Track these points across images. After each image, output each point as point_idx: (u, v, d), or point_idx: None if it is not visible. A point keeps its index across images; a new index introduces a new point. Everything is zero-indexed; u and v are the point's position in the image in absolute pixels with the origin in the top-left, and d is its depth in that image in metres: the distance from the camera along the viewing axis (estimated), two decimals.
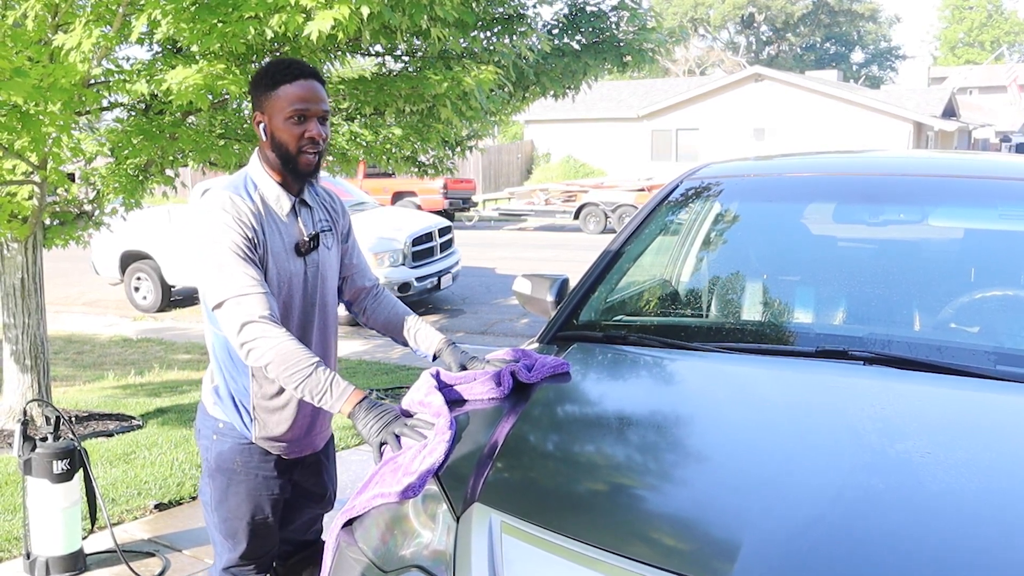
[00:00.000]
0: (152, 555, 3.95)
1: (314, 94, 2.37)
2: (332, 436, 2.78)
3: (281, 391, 2.47)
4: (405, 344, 2.69)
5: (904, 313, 2.79)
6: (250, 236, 2.32)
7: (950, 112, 32.84)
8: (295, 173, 2.42)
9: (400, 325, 2.69)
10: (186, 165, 5.85)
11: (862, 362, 2.46)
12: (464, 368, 2.50)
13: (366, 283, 2.74)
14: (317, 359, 2.22)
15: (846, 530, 1.65)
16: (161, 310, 11.92)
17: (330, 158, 6.20)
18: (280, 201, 2.43)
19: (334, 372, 2.24)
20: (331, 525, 2.17)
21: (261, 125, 2.40)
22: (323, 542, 2.83)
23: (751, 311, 3.02)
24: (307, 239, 2.47)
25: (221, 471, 2.52)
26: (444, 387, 2.36)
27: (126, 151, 5.19)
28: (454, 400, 2.37)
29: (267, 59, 5.13)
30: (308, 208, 2.52)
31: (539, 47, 5.98)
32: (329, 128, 2.46)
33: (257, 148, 2.48)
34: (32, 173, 4.90)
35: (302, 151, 2.37)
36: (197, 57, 4.49)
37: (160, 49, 5.29)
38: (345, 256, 2.69)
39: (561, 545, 1.73)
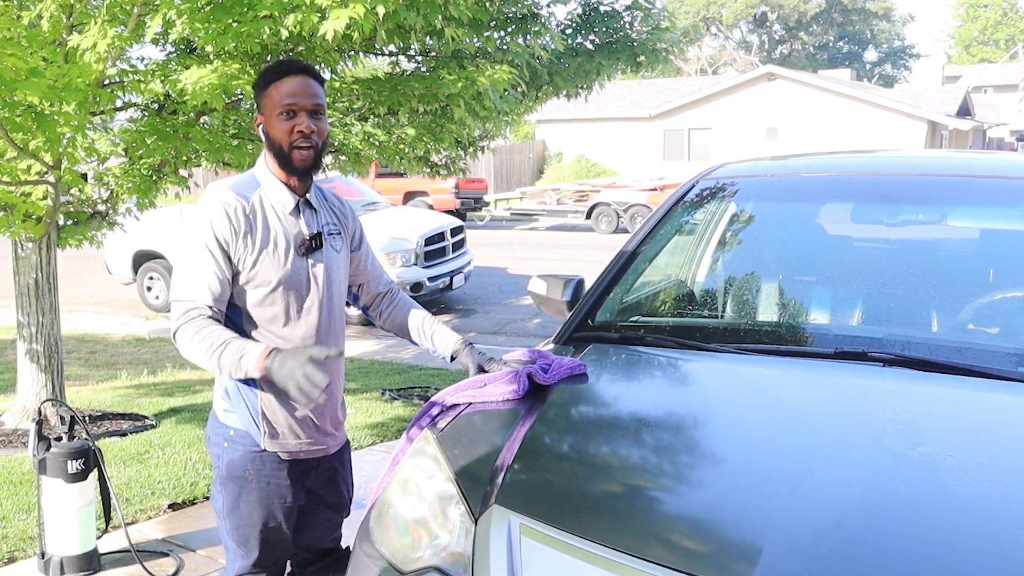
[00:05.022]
0: (166, 555, 3.95)
1: (303, 89, 2.38)
2: (348, 443, 2.77)
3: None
4: (415, 344, 2.70)
5: (923, 314, 2.77)
6: (229, 238, 2.34)
7: (965, 111, 32.67)
8: (291, 169, 2.42)
9: (417, 326, 2.70)
10: (199, 165, 5.86)
11: (881, 363, 2.44)
12: (481, 369, 2.49)
13: (381, 288, 2.76)
14: (229, 336, 2.24)
15: (868, 533, 1.63)
16: None
17: (343, 158, 6.20)
18: (283, 200, 2.45)
19: (248, 341, 2.26)
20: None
21: (260, 127, 2.43)
22: (343, 549, 2.83)
23: (768, 312, 3.00)
24: (307, 238, 2.47)
25: (233, 479, 2.51)
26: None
27: (140, 151, 5.20)
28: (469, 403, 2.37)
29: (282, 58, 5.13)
30: (313, 210, 2.53)
31: (553, 47, 5.96)
32: (326, 122, 2.46)
33: (263, 150, 2.50)
34: (46, 173, 4.91)
35: (294, 146, 2.38)
36: (211, 57, 4.49)
37: (174, 49, 5.29)
38: (359, 263, 2.70)
39: (580, 547, 1.72)
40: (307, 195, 2.50)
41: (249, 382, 2.45)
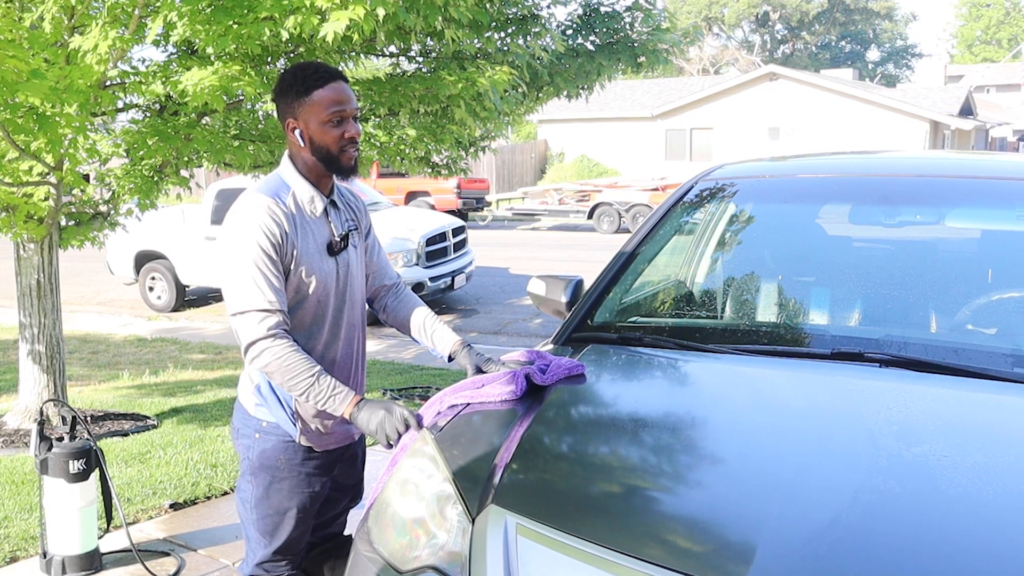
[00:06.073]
0: (167, 554, 3.96)
1: (346, 95, 2.44)
2: None
3: None
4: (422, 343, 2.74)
5: (920, 315, 2.78)
6: (280, 242, 2.38)
7: (967, 111, 32.62)
8: (339, 171, 2.48)
9: (418, 324, 2.73)
10: (200, 166, 5.88)
11: (878, 364, 2.45)
12: (479, 369, 2.51)
13: (386, 281, 2.80)
14: (319, 368, 2.33)
15: (863, 534, 1.64)
16: (175, 310, 11.97)
17: None
18: (314, 203, 2.50)
19: (334, 379, 2.35)
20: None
21: (297, 131, 2.45)
22: (345, 536, 2.88)
23: (766, 312, 3.01)
24: (339, 239, 2.54)
25: (265, 469, 2.56)
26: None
27: (141, 152, 5.21)
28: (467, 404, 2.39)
29: (282, 60, 5.14)
30: (337, 209, 2.59)
31: (553, 48, 5.97)
32: (359, 125, 2.53)
33: (288, 152, 2.52)
34: (48, 174, 4.93)
35: (343, 150, 2.45)
36: (212, 58, 4.51)
37: (175, 51, 5.31)
38: (366, 254, 2.74)
39: (576, 547, 1.73)
40: (331, 196, 2.56)
41: None
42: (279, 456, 2.54)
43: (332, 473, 2.67)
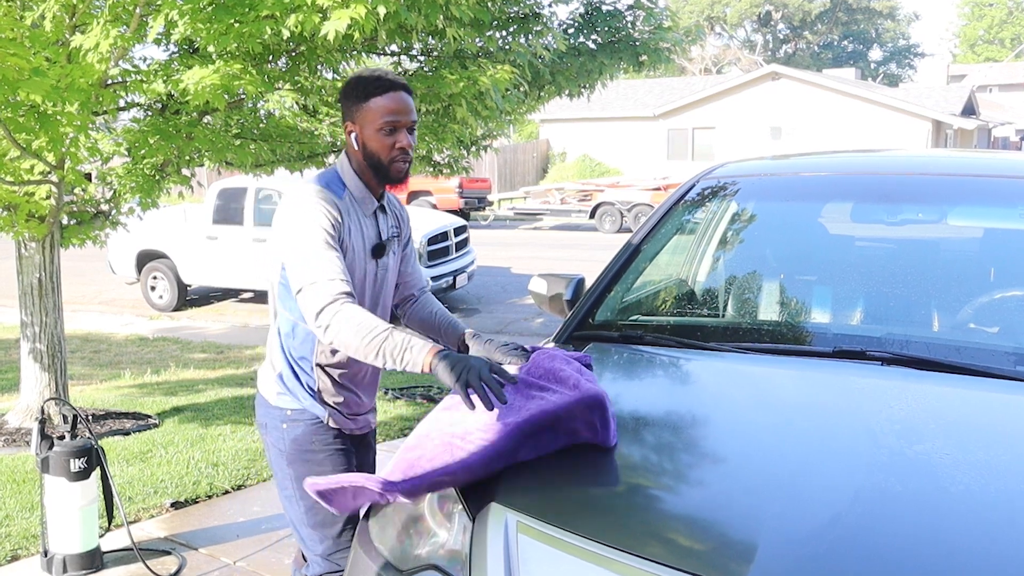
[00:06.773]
0: (168, 553, 3.96)
1: (404, 106, 2.46)
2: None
3: (343, 371, 2.55)
4: (436, 341, 2.74)
5: (922, 313, 2.77)
6: (336, 226, 2.41)
7: (970, 110, 32.59)
8: (387, 179, 2.51)
9: (432, 324, 2.78)
10: (202, 165, 5.88)
11: (880, 362, 2.44)
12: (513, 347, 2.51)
13: (415, 290, 2.83)
14: (390, 326, 2.27)
15: (864, 532, 1.64)
16: (177, 309, 11.98)
17: None
18: (366, 203, 2.54)
19: (407, 333, 2.29)
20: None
21: (352, 135, 2.49)
22: None
23: (768, 311, 3.01)
24: (382, 243, 2.58)
25: (300, 454, 2.56)
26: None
27: (143, 151, 5.21)
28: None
29: (283, 59, 5.14)
30: (385, 214, 2.62)
31: (555, 46, 5.96)
32: (415, 136, 2.55)
33: (345, 152, 2.56)
34: (49, 173, 4.93)
35: (394, 160, 2.47)
36: (214, 57, 4.51)
37: (177, 49, 5.31)
38: (401, 263, 2.77)
39: (577, 545, 1.72)
40: (381, 201, 2.59)
41: (307, 369, 2.54)
42: (311, 439, 2.56)
43: (358, 454, 2.69)
